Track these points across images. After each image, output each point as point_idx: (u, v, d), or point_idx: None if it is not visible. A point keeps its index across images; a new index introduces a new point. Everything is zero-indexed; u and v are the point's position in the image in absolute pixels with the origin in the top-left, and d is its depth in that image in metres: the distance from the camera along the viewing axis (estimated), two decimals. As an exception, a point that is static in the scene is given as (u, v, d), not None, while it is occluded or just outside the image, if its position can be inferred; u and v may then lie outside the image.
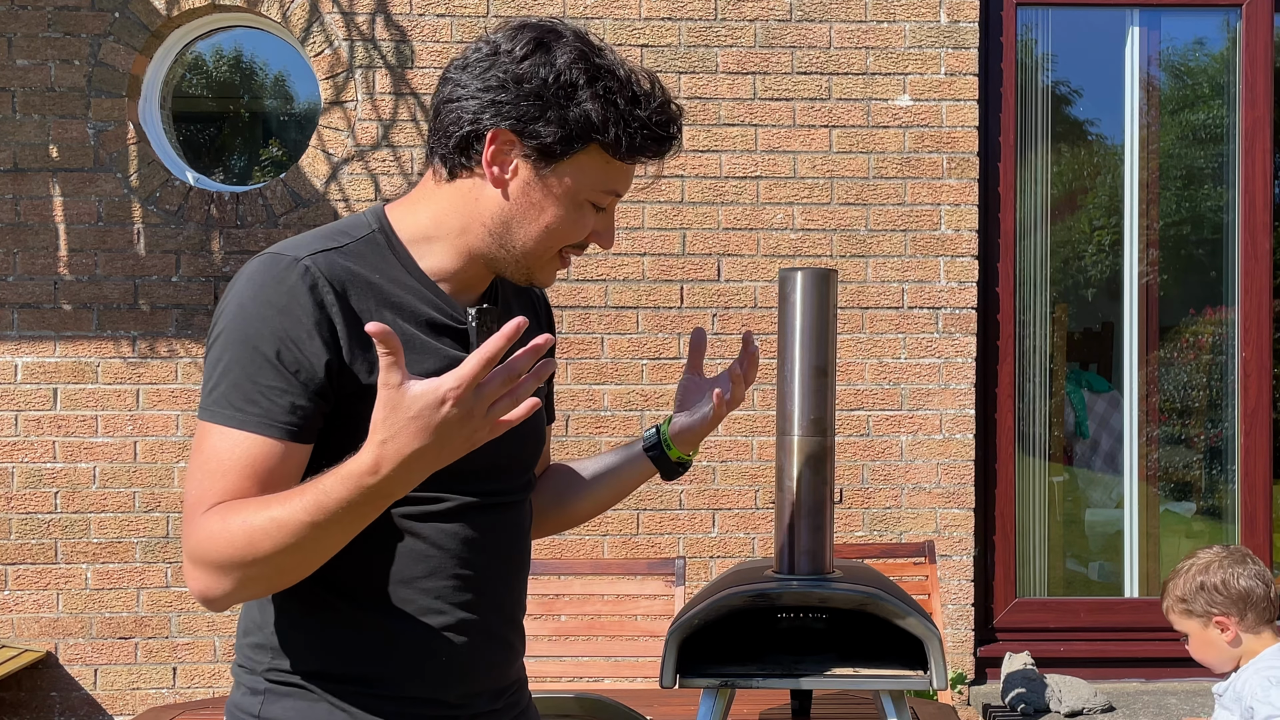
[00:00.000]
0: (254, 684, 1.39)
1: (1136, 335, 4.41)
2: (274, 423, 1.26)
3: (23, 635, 4.08)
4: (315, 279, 1.29)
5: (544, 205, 1.35)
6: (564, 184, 1.35)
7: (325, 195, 4.12)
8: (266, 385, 1.26)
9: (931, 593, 3.84)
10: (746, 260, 4.16)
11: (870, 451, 4.18)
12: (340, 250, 1.35)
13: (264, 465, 1.26)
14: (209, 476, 1.26)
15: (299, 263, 1.30)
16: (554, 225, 1.36)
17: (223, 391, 1.28)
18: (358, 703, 1.36)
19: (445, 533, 1.38)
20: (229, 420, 1.27)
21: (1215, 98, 4.48)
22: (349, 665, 1.36)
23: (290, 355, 1.27)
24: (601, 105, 1.32)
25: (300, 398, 1.27)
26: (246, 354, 1.27)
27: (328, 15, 4.12)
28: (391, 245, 1.39)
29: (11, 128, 4.08)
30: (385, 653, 1.36)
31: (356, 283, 1.33)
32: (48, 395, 4.08)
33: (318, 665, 1.36)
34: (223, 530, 1.22)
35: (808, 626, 2.23)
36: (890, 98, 4.18)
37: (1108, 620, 4.30)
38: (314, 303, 1.28)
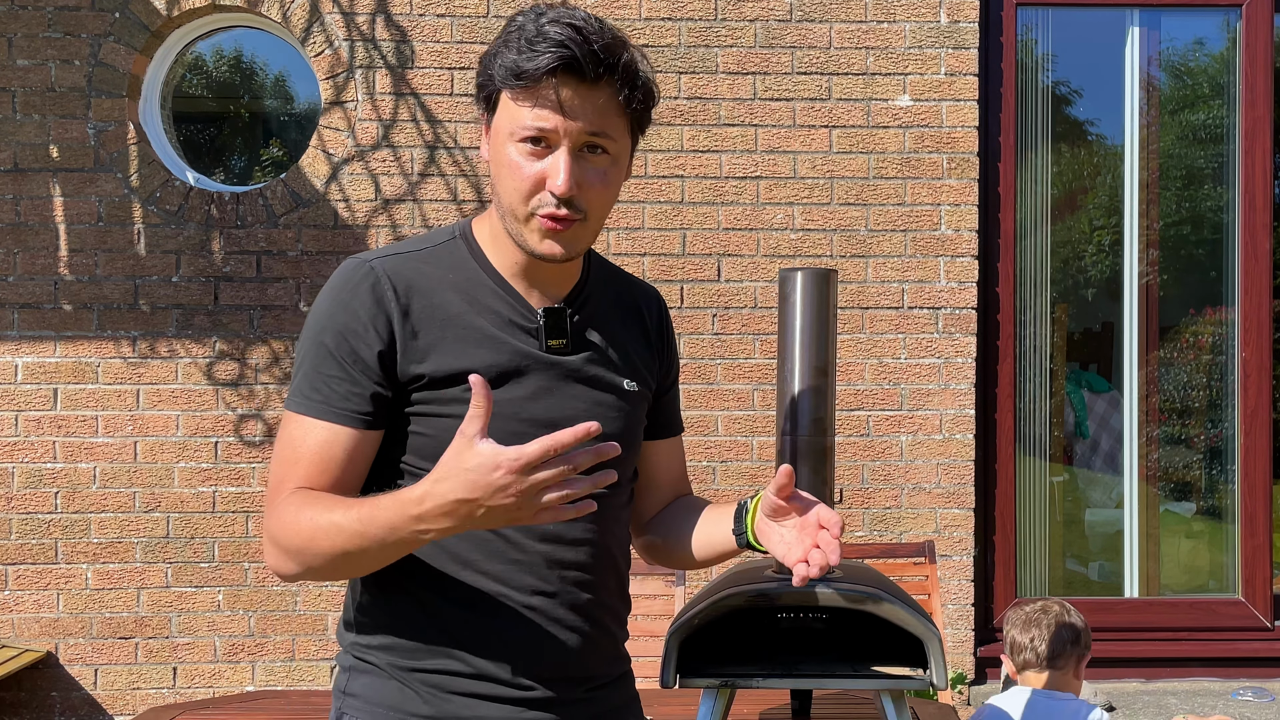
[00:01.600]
0: (344, 661, 1.50)
1: (1136, 335, 4.41)
2: (334, 409, 1.38)
3: (23, 635, 4.08)
4: (377, 278, 1.41)
5: (496, 159, 1.42)
6: (498, 132, 1.41)
7: (325, 195, 4.12)
8: (328, 375, 1.39)
9: (931, 593, 3.84)
10: (746, 260, 4.16)
11: (870, 451, 4.18)
12: (416, 254, 1.47)
13: (330, 451, 1.38)
14: (284, 462, 1.40)
15: (365, 264, 1.43)
16: (503, 175, 1.40)
17: (297, 383, 1.42)
18: (425, 682, 1.43)
19: None
20: (297, 406, 1.40)
21: (1215, 98, 4.48)
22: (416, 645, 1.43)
23: (346, 347, 1.39)
24: (501, 44, 1.39)
25: (357, 386, 1.39)
26: (314, 348, 1.41)
27: (328, 15, 4.12)
28: (470, 248, 1.49)
29: (12, 128, 4.08)
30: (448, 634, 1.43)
31: (426, 282, 1.43)
32: (48, 395, 4.08)
33: (388, 643, 1.44)
34: (294, 521, 1.34)
35: (808, 626, 2.23)
36: (890, 98, 4.18)
37: (1108, 620, 4.29)
38: (373, 299, 1.40)
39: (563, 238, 1.40)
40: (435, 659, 1.43)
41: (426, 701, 1.42)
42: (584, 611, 1.49)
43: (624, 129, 1.42)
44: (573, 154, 1.37)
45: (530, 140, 1.37)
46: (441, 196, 4.14)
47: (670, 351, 1.67)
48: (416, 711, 1.43)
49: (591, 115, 1.37)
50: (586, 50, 1.33)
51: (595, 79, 1.35)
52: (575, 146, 1.37)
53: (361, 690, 1.45)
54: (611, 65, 1.36)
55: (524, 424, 1.41)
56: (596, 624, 1.51)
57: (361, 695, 1.45)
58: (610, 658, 1.56)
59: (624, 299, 1.60)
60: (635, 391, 1.55)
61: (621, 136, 1.42)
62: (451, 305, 1.43)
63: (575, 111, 1.36)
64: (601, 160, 1.40)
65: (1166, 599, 4.39)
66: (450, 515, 1.22)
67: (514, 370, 1.43)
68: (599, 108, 1.37)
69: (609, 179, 1.41)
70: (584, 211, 1.40)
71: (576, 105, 1.36)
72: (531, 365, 1.44)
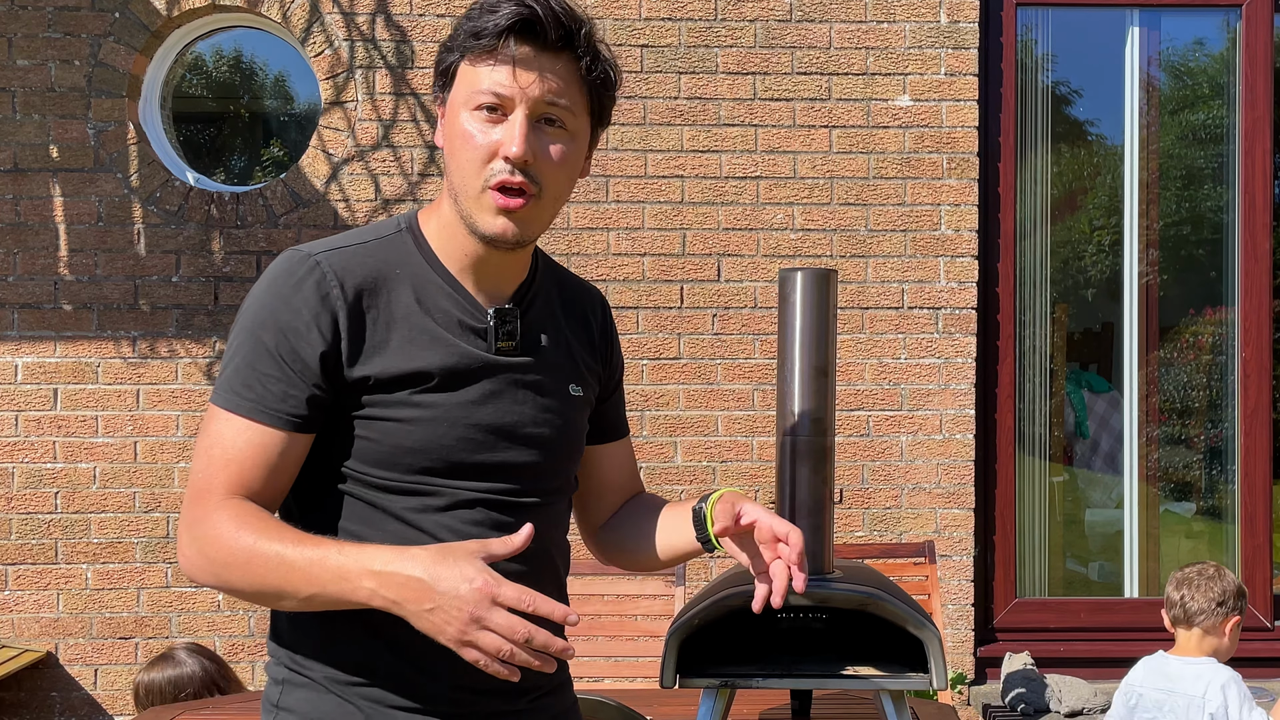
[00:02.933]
0: (275, 674, 1.44)
1: (1136, 335, 4.42)
2: (268, 410, 1.32)
3: (23, 635, 4.09)
4: (323, 274, 1.34)
5: (451, 131, 1.38)
6: (453, 105, 1.38)
7: (325, 195, 4.12)
8: (264, 373, 1.32)
9: (931, 593, 3.84)
10: (746, 260, 4.16)
11: (870, 451, 4.18)
12: (361, 247, 1.40)
13: (263, 455, 1.32)
14: (214, 462, 1.33)
15: (310, 258, 1.35)
16: (456, 148, 1.36)
17: (227, 376, 1.34)
18: (365, 696, 1.38)
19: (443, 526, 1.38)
20: (227, 403, 1.33)
21: (1215, 98, 4.48)
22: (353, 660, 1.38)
23: (286, 346, 1.32)
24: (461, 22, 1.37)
25: (294, 387, 1.32)
26: (250, 343, 1.34)
27: (328, 15, 4.12)
28: (417, 242, 1.43)
29: (11, 128, 4.08)
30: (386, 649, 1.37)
31: (373, 279, 1.37)
32: (48, 395, 4.08)
33: (323, 657, 1.39)
34: (231, 539, 1.28)
35: (808, 626, 2.23)
36: (890, 98, 4.18)
37: (1108, 620, 4.30)
38: (318, 296, 1.33)
39: (516, 217, 1.35)
40: (374, 674, 1.38)
41: (366, 714, 1.38)
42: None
43: (583, 105, 1.39)
44: (529, 121, 1.33)
45: (486, 108, 1.33)
46: (441, 196, 4.13)
47: (615, 354, 1.64)
48: None
49: (550, 81, 1.33)
50: (547, 12, 1.31)
51: (555, 45, 1.33)
52: (532, 115, 1.34)
53: (297, 705, 1.40)
54: (571, 31, 1.34)
55: (470, 429, 1.38)
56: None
57: (297, 710, 1.40)
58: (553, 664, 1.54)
59: (569, 300, 1.56)
60: (580, 396, 1.52)
61: (581, 113, 1.39)
62: (398, 304, 1.37)
63: (533, 77, 1.33)
64: (559, 134, 1.36)
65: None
66: (403, 589, 1.22)
67: (462, 373, 1.39)
68: (558, 75, 1.34)
69: (566, 157, 1.37)
70: (539, 185, 1.35)
71: (534, 68, 1.33)
72: (480, 368, 1.40)
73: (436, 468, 1.37)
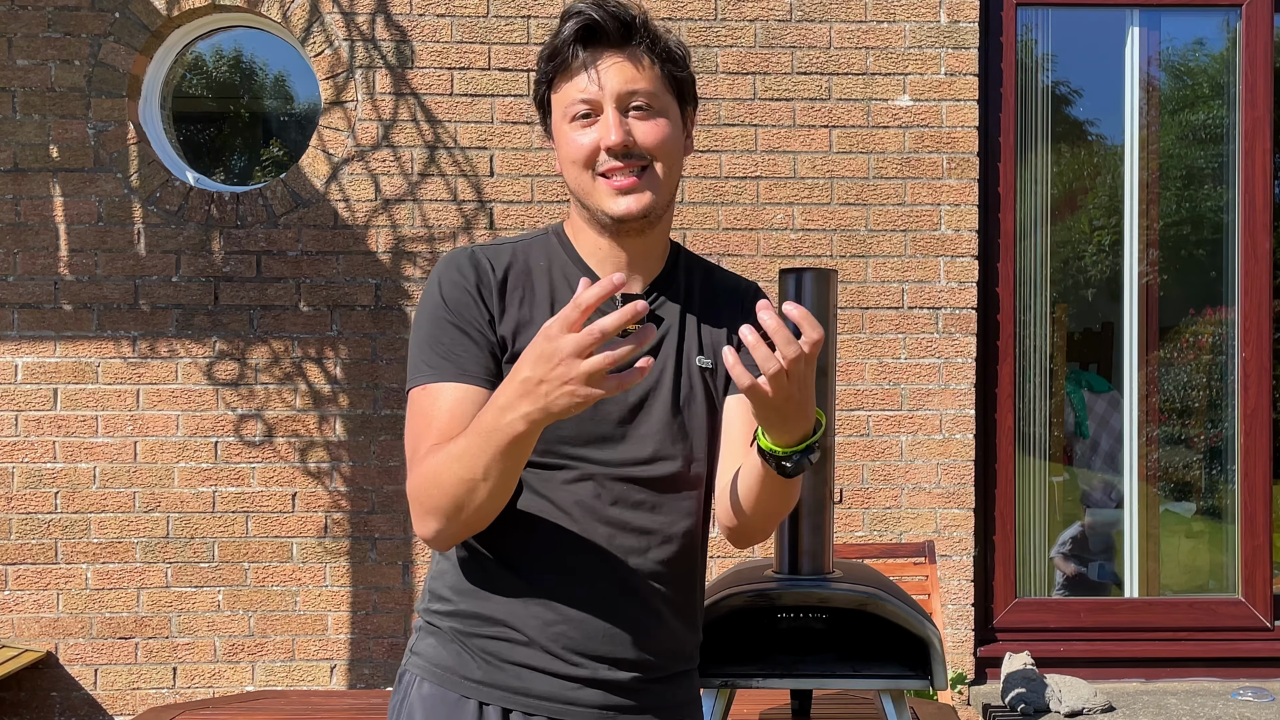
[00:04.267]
0: (417, 623, 1.59)
1: (1136, 335, 4.41)
2: (463, 371, 1.45)
3: (23, 635, 4.09)
4: (478, 259, 1.52)
5: (560, 149, 1.53)
6: (556, 127, 1.54)
7: (325, 195, 4.12)
8: (448, 343, 1.46)
9: (931, 593, 3.84)
10: (746, 260, 4.16)
11: (870, 451, 4.18)
12: (511, 245, 1.57)
13: (462, 408, 1.43)
14: (422, 432, 1.44)
15: (468, 248, 1.54)
16: (565, 157, 1.51)
17: (418, 362, 1.48)
18: (483, 649, 1.49)
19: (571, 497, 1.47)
20: (425, 377, 1.46)
21: (1215, 98, 4.48)
22: (479, 614, 1.50)
23: (463, 317, 1.47)
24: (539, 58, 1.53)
25: (479, 349, 1.47)
26: (432, 324, 1.49)
27: (328, 15, 4.12)
28: (561, 241, 1.58)
29: (11, 128, 4.08)
30: (509, 608, 1.48)
31: (520, 265, 1.53)
32: (48, 395, 4.08)
33: (455, 609, 1.52)
34: (427, 469, 1.39)
35: (808, 626, 2.23)
36: (890, 98, 4.18)
37: (1108, 620, 4.30)
38: (476, 274, 1.50)
39: (634, 192, 1.48)
40: (494, 628, 1.49)
41: (479, 667, 1.49)
42: (641, 599, 1.51)
43: (663, 85, 1.52)
44: (618, 113, 1.47)
45: (580, 116, 1.48)
46: (442, 196, 4.14)
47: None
48: (469, 675, 1.50)
49: (626, 75, 1.47)
50: (604, 15, 1.46)
51: (621, 41, 1.48)
52: (620, 107, 1.48)
53: (424, 650, 1.54)
54: (630, 24, 1.48)
55: (595, 407, 1.46)
56: (653, 613, 1.52)
57: (423, 655, 1.54)
58: (669, 651, 1.56)
59: (716, 287, 1.64)
60: (707, 369, 1.57)
61: (663, 92, 1.51)
62: (540, 287, 1.52)
63: (609, 75, 1.47)
64: (647, 114, 1.49)
65: (1166, 599, 4.39)
66: (523, 395, 1.26)
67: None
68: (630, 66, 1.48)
69: (662, 130, 1.50)
70: (648, 157, 1.48)
71: (610, 69, 1.47)
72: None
73: (566, 440, 1.47)
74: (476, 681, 1.49)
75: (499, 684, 1.48)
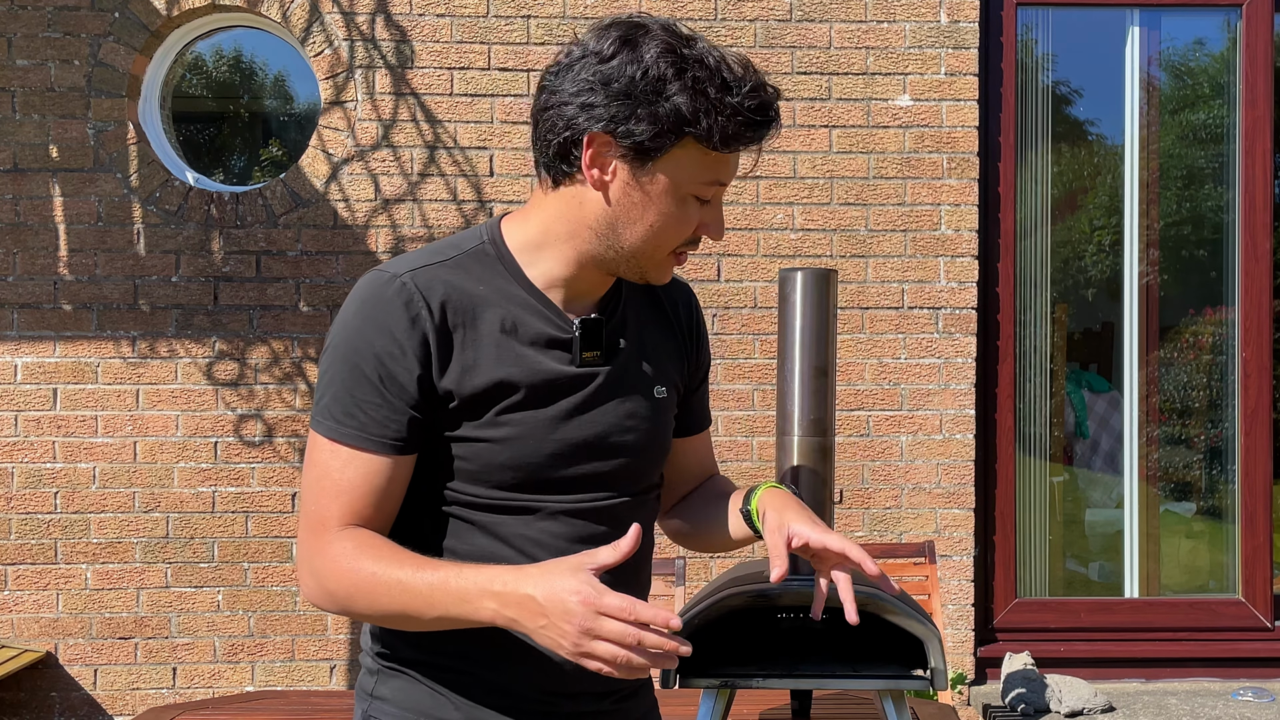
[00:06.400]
0: (370, 665, 1.49)
1: (1136, 335, 4.41)
2: (371, 437, 1.34)
3: (23, 635, 4.08)
4: (410, 295, 1.34)
5: (646, 205, 1.36)
6: (663, 181, 1.34)
7: (325, 195, 4.12)
8: (363, 400, 1.33)
9: (931, 593, 3.84)
10: (746, 260, 4.16)
11: (870, 451, 4.18)
12: (445, 263, 1.39)
13: (373, 482, 1.34)
14: (324, 494, 1.35)
15: (397, 279, 1.35)
16: (658, 224, 1.36)
17: (326, 404, 1.36)
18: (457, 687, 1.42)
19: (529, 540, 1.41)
20: (331, 432, 1.35)
21: (1215, 98, 4.48)
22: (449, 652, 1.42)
23: (384, 371, 1.33)
24: (691, 96, 1.30)
25: (395, 412, 1.33)
26: (347, 369, 1.35)
27: (328, 15, 4.12)
28: (500, 256, 1.42)
29: (11, 128, 4.08)
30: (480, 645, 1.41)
31: (459, 297, 1.37)
32: (48, 395, 4.08)
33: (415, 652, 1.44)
34: (351, 569, 1.31)
35: (808, 626, 2.23)
36: (890, 98, 4.18)
37: (1108, 620, 4.30)
38: (409, 319, 1.33)
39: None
40: (468, 666, 1.42)
41: (458, 708, 1.42)
42: None
43: None
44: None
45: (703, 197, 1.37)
46: (441, 196, 4.14)
47: (702, 349, 1.66)
48: (446, 717, 1.42)
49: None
50: (776, 118, 1.35)
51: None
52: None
53: (391, 694, 1.45)
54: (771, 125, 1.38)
55: (557, 443, 1.40)
56: None
57: (391, 699, 1.44)
58: None
59: (655, 297, 1.58)
60: (665, 398, 1.54)
61: None
62: (484, 322, 1.38)
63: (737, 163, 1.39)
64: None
65: (1166, 599, 4.39)
66: (520, 608, 1.23)
67: (548, 389, 1.40)
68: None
69: None
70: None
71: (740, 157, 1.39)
72: (566, 383, 1.41)
73: (524, 483, 1.39)
74: None
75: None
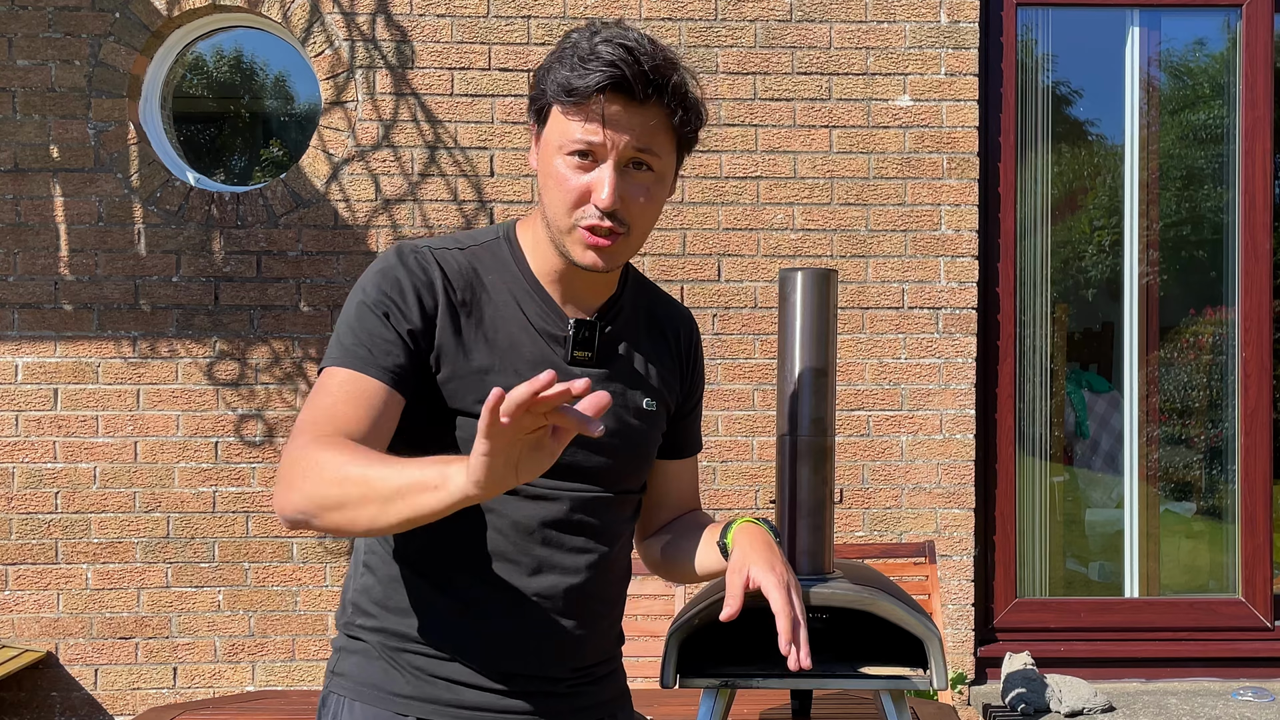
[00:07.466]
0: (337, 642, 1.54)
1: (1136, 335, 4.41)
2: (376, 365, 1.38)
3: (23, 635, 4.09)
4: (426, 262, 1.44)
5: (544, 171, 1.44)
6: (547, 144, 1.44)
7: (326, 195, 4.12)
8: (372, 333, 1.39)
9: (931, 593, 3.84)
10: (746, 260, 4.16)
11: (870, 451, 4.18)
12: (462, 250, 1.49)
13: (366, 402, 1.36)
14: (319, 408, 1.37)
15: (417, 248, 1.46)
16: (550, 185, 1.43)
17: (336, 339, 1.42)
18: (411, 664, 1.45)
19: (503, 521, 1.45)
20: (339, 360, 1.39)
21: (1215, 98, 4.48)
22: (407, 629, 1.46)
23: (395, 314, 1.40)
24: (551, 63, 1.42)
25: (396, 349, 1.39)
26: (361, 312, 1.41)
27: (328, 15, 4.12)
28: (512, 250, 1.51)
29: (12, 128, 4.08)
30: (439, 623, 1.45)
31: (467, 277, 1.46)
32: (48, 395, 4.08)
33: (381, 625, 1.47)
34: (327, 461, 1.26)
35: (808, 626, 2.23)
36: (890, 98, 4.18)
37: (1108, 620, 4.30)
38: (425, 278, 1.42)
39: (605, 252, 1.43)
40: (423, 644, 1.45)
41: (408, 682, 1.45)
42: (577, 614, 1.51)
43: (670, 147, 1.46)
44: (618, 169, 1.40)
45: (577, 154, 1.40)
46: (442, 196, 4.14)
47: (697, 375, 1.70)
48: (399, 691, 1.45)
49: (638, 132, 1.40)
50: (637, 70, 1.37)
51: (644, 99, 1.39)
52: (621, 162, 1.40)
53: (349, 670, 1.49)
54: (660, 86, 1.40)
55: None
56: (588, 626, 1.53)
57: (348, 675, 1.49)
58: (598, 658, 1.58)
59: (656, 317, 1.63)
60: (653, 411, 1.57)
61: (667, 155, 1.46)
62: (489, 305, 1.46)
63: (622, 128, 1.39)
64: (646, 177, 1.43)
65: (1166, 599, 4.39)
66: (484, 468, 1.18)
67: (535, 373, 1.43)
68: (646, 125, 1.41)
69: (652, 195, 1.45)
70: (627, 225, 1.42)
71: (624, 122, 1.39)
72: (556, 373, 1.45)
73: None
74: (406, 697, 1.45)
75: (429, 697, 1.45)
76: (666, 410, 1.62)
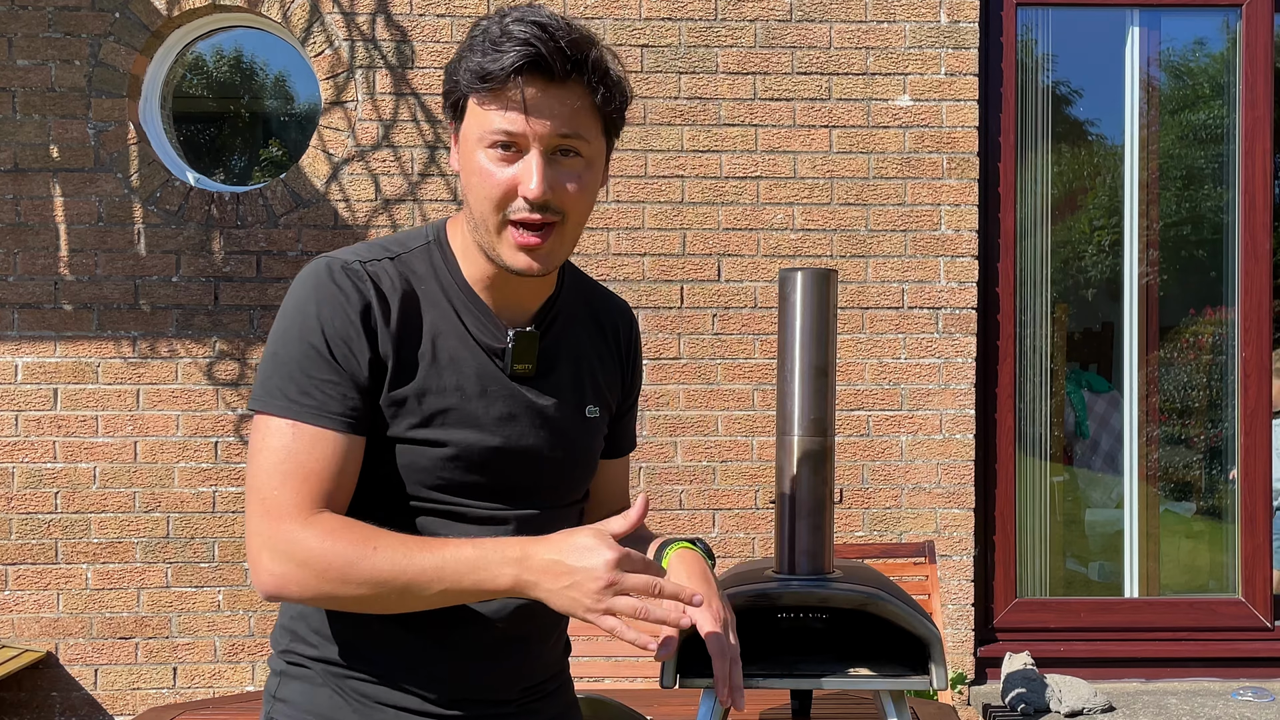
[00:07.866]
0: (276, 665, 1.46)
1: (1136, 335, 4.41)
2: (329, 414, 1.31)
3: (23, 635, 4.09)
4: (362, 281, 1.35)
5: (466, 166, 1.36)
6: (466, 139, 1.36)
7: (326, 195, 4.12)
8: (320, 378, 1.31)
9: (931, 593, 3.84)
10: (746, 260, 4.16)
11: (870, 451, 4.18)
12: (394, 260, 1.40)
13: (335, 463, 1.30)
14: (288, 477, 1.29)
15: (350, 265, 1.37)
16: (473, 181, 1.35)
17: (277, 384, 1.32)
18: (357, 691, 1.40)
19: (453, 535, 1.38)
20: (287, 411, 1.30)
21: (1215, 98, 4.48)
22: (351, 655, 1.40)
23: (341, 350, 1.32)
24: (465, 52, 1.34)
25: (350, 391, 1.32)
26: (301, 350, 1.32)
27: (328, 15, 4.12)
28: (444, 256, 1.43)
29: (12, 128, 4.08)
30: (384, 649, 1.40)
31: (405, 291, 1.38)
32: (48, 395, 4.08)
33: (323, 652, 1.41)
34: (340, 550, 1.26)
35: (808, 626, 2.23)
36: (890, 98, 4.18)
37: (1108, 620, 4.30)
38: (362, 304, 1.34)
39: (539, 252, 1.34)
40: (369, 670, 1.40)
41: (355, 711, 1.40)
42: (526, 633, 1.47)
43: (597, 130, 1.37)
44: (545, 157, 1.32)
45: (500, 145, 1.32)
46: (441, 196, 4.14)
47: (636, 373, 1.64)
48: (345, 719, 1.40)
49: (562, 116, 1.31)
50: (552, 47, 1.28)
51: (563, 77, 1.30)
52: (547, 150, 1.32)
53: (292, 696, 1.43)
54: (579, 62, 1.31)
55: (484, 451, 1.39)
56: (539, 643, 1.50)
57: (291, 701, 1.42)
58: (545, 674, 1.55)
59: (596, 315, 1.56)
60: (595, 418, 1.52)
61: (595, 138, 1.36)
62: (426, 320, 1.38)
63: (544, 112, 1.30)
64: (575, 163, 1.34)
65: (1166, 599, 4.39)
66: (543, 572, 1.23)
67: (480, 395, 1.40)
68: (569, 108, 1.32)
69: (584, 182, 1.36)
70: (562, 213, 1.34)
71: (545, 106, 1.30)
72: (496, 391, 1.41)
73: (448, 487, 1.38)
74: None
75: None
76: (609, 413, 1.57)
